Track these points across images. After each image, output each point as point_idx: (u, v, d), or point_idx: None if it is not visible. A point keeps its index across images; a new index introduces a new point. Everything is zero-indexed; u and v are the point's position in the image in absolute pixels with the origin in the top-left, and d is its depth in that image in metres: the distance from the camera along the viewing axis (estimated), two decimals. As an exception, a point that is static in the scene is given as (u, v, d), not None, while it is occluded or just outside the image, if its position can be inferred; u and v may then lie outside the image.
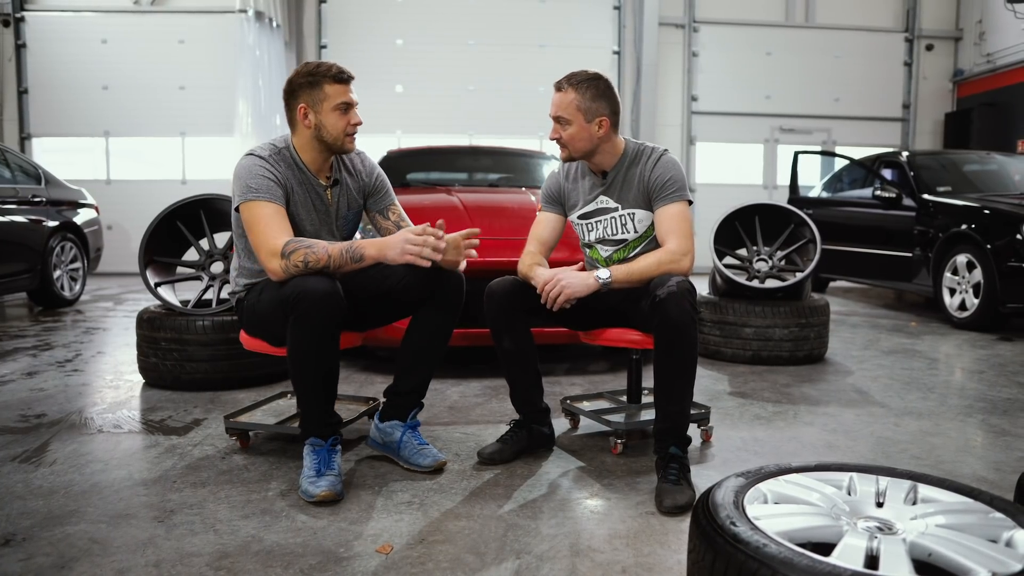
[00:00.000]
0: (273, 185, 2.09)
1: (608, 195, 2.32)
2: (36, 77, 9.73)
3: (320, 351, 1.97)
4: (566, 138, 2.23)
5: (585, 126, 2.20)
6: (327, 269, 1.98)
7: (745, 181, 10.46)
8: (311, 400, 2.04)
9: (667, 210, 2.22)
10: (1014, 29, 9.55)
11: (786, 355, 3.84)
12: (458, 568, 1.59)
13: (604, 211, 2.34)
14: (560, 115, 2.22)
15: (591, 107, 2.20)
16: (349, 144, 2.20)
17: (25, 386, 3.30)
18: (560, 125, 2.23)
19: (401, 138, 9.94)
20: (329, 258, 1.98)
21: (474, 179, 5.26)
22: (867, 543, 1.13)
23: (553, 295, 2.12)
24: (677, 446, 2.05)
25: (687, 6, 10.32)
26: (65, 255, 6.14)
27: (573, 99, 2.19)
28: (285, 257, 1.97)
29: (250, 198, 2.06)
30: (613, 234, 2.33)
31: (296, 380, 2.03)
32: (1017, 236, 4.72)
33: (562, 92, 2.22)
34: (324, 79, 2.12)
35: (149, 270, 3.40)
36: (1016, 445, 2.51)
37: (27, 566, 1.58)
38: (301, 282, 1.93)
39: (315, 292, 1.90)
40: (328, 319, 1.94)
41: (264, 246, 2.01)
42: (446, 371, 3.60)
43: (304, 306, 1.91)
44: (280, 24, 9.41)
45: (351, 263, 2.01)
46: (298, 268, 1.97)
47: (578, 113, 2.19)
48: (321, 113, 2.13)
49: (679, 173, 2.26)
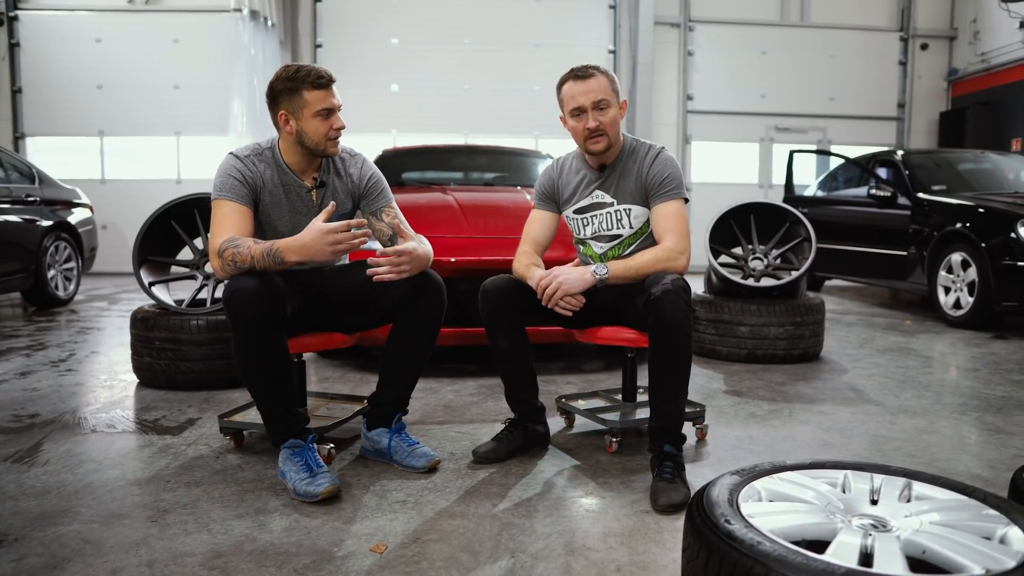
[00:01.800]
0: (238, 185, 2.09)
1: (604, 190, 2.31)
2: (30, 76, 9.69)
3: (260, 349, 1.96)
4: (607, 122, 2.19)
5: (619, 109, 2.22)
6: (254, 269, 1.96)
7: (741, 180, 10.47)
8: (269, 401, 2.03)
9: (664, 208, 2.21)
10: (1008, 28, 9.58)
11: (781, 353, 3.84)
12: (452, 567, 1.58)
13: (599, 206, 2.33)
14: (601, 98, 2.18)
15: (618, 90, 2.23)
16: (332, 148, 2.17)
17: (18, 386, 3.29)
18: (599, 111, 2.18)
19: (396, 137, 9.93)
20: (252, 258, 1.96)
21: (470, 178, 5.26)
22: (861, 540, 1.13)
23: (550, 292, 2.11)
24: (672, 444, 2.05)
25: (683, 5, 10.32)
26: (59, 255, 6.12)
27: (606, 82, 2.20)
28: (220, 256, 1.99)
29: (215, 196, 2.09)
30: (608, 229, 2.32)
31: (246, 382, 2.03)
32: (1011, 235, 4.73)
33: (593, 78, 2.18)
34: (303, 85, 2.08)
35: (143, 269, 3.38)
36: (1010, 443, 2.52)
37: (19, 566, 1.57)
38: (233, 283, 1.95)
39: (243, 292, 1.91)
40: (260, 316, 1.92)
41: (211, 245, 2.05)
42: (441, 370, 3.60)
43: (235, 306, 1.92)
44: (275, 23, 9.39)
45: (273, 264, 1.96)
46: (230, 267, 1.97)
47: (613, 95, 2.21)
48: (302, 120, 2.11)
49: (677, 171, 2.25)
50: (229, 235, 2.02)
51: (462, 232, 3.54)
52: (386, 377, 2.26)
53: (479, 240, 3.51)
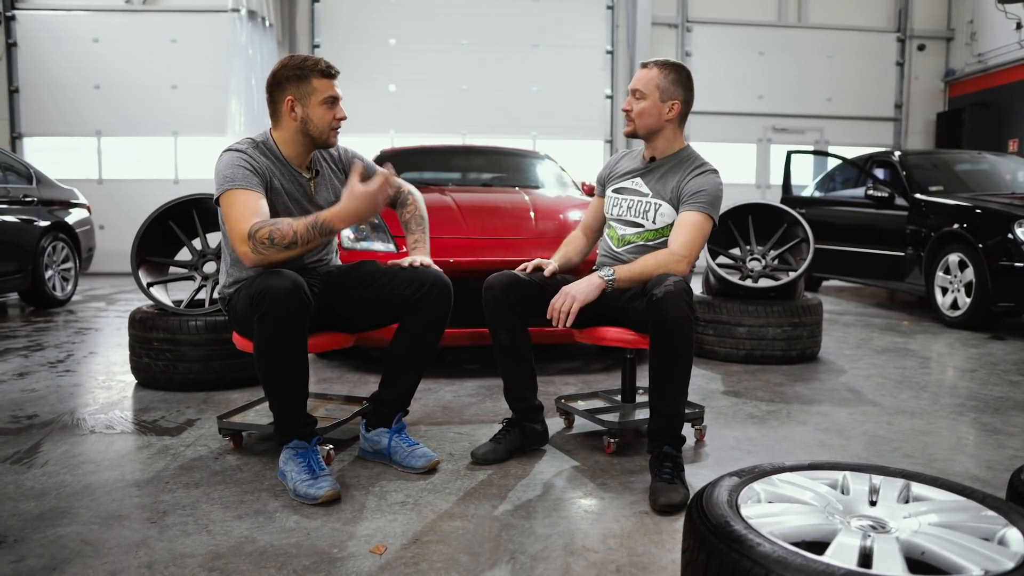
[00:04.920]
0: (249, 173, 2.07)
1: (645, 180, 2.37)
2: (27, 76, 9.67)
3: (286, 349, 1.96)
4: (636, 111, 2.30)
5: (658, 104, 2.28)
6: (294, 245, 1.95)
7: (738, 180, 10.46)
8: (284, 401, 2.03)
9: (687, 216, 2.24)
10: (1005, 29, 9.60)
11: (779, 354, 3.85)
12: (452, 568, 1.58)
13: (635, 192, 2.39)
14: (638, 88, 2.30)
15: (669, 88, 2.28)
16: (333, 138, 2.22)
17: (16, 387, 3.28)
18: (634, 98, 2.31)
19: (394, 138, 9.93)
20: (295, 233, 1.94)
21: (467, 179, 5.25)
22: (860, 542, 1.13)
23: (564, 309, 2.10)
24: (671, 445, 2.06)
25: (680, 6, 10.33)
26: (57, 255, 6.11)
27: (655, 76, 2.29)
28: (251, 238, 1.94)
29: (226, 188, 2.04)
30: (634, 216, 2.37)
31: (265, 380, 2.02)
32: (1008, 235, 4.75)
33: (646, 69, 2.31)
34: (312, 73, 2.13)
35: (141, 270, 3.38)
36: (1008, 443, 2.52)
37: (18, 568, 1.57)
38: (265, 279, 1.92)
39: (278, 289, 1.89)
40: (292, 316, 1.92)
41: (235, 231, 1.99)
42: (440, 371, 3.60)
43: (268, 303, 1.89)
44: (273, 23, 9.39)
45: (319, 236, 1.96)
46: (264, 245, 1.93)
47: (656, 90, 2.28)
48: (309, 107, 2.14)
49: (716, 190, 2.27)
50: (257, 218, 1.98)
51: (460, 233, 3.54)
52: (390, 374, 2.27)
53: (478, 241, 3.51)
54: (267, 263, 1.97)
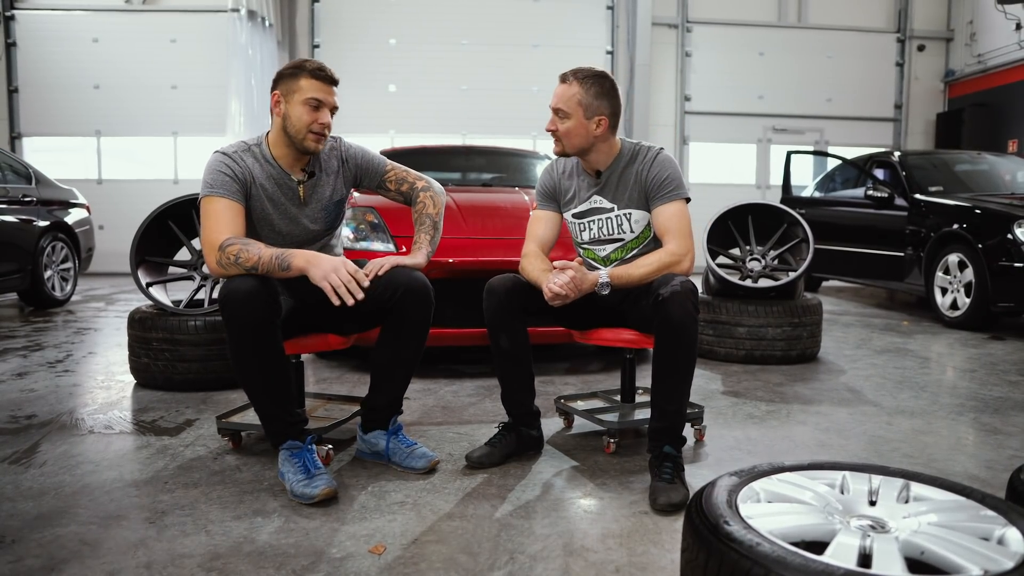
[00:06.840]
0: (229, 181, 2.08)
1: (602, 195, 2.31)
2: (27, 76, 9.68)
3: (255, 350, 1.95)
4: (562, 131, 2.20)
5: (583, 122, 2.17)
6: (255, 270, 1.96)
7: (738, 181, 10.48)
8: (267, 403, 2.03)
9: (665, 209, 2.21)
10: (1005, 30, 9.61)
11: (779, 354, 3.85)
12: (451, 568, 1.58)
13: (598, 211, 2.32)
14: (560, 107, 2.18)
15: (592, 104, 2.17)
16: (310, 142, 2.13)
17: (15, 387, 3.28)
18: (558, 117, 2.20)
19: (394, 138, 9.93)
20: (259, 259, 1.96)
21: (467, 179, 5.25)
22: (860, 541, 1.13)
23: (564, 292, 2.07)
24: (672, 445, 2.05)
25: (680, 6, 10.34)
26: (56, 255, 6.11)
27: (576, 93, 2.16)
28: (221, 250, 1.97)
29: (205, 194, 2.08)
30: (609, 234, 2.32)
31: (243, 383, 2.03)
32: (1008, 236, 4.75)
33: (566, 84, 2.18)
34: (303, 72, 2.12)
35: (140, 270, 3.38)
36: (1007, 443, 2.52)
37: (16, 568, 1.57)
38: (228, 283, 1.95)
39: (239, 291, 1.91)
40: (255, 318, 1.92)
41: (207, 240, 2.02)
42: (439, 370, 3.60)
43: (231, 306, 1.91)
44: (272, 23, 9.39)
45: (278, 270, 1.97)
46: (229, 261, 1.96)
47: (579, 108, 2.16)
48: (290, 104, 2.11)
49: (676, 171, 2.24)
50: (228, 232, 2.01)
51: (460, 233, 3.53)
52: (377, 381, 2.26)
53: (477, 241, 3.51)
54: (227, 276, 2.00)
